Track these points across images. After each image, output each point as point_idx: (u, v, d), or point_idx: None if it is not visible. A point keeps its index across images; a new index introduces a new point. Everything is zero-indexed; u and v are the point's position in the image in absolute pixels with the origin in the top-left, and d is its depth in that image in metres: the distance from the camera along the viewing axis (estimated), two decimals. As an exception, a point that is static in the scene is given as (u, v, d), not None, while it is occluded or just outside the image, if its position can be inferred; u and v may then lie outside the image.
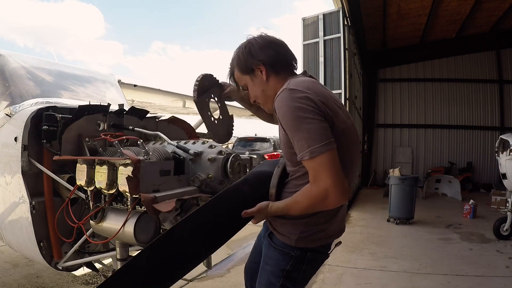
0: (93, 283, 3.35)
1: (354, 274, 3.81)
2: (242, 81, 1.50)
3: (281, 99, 1.25)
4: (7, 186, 2.17)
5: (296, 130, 1.20)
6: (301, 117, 1.19)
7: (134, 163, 1.57)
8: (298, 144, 1.20)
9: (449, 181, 9.92)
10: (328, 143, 1.17)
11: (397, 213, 6.36)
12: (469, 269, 3.96)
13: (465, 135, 12.38)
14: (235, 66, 1.48)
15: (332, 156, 1.18)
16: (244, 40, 1.47)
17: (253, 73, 1.44)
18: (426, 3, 9.13)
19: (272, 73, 1.42)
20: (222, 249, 4.88)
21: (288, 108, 1.21)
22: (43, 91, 2.82)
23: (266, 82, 1.43)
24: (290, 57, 1.46)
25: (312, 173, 1.21)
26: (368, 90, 12.75)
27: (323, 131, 1.18)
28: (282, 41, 1.46)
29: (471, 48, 12.04)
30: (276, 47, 1.43)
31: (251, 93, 1.50)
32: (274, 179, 1.38)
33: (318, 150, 1.16)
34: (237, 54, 1.46)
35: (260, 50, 1.40)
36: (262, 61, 1.40)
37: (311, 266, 1.44)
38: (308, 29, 8.51)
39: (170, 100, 6.75)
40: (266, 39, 1.43)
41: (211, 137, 1.77)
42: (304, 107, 1.19)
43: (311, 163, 1.19)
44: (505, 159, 4.93)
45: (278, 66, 1.42)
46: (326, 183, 1.17)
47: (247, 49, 1.42)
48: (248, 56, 1.41)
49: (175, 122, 2.64)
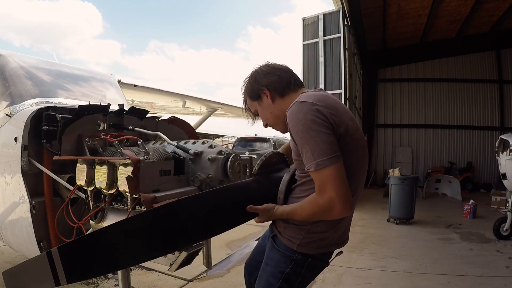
0: (93, 283, 3.35)
1: (354, 274, 3.81)
2: (253, 107, 1.60)
3: (292, 111, 1.31)
4: (7, 186, 2.16)
5: (305, 141, 1.25)
6: (310, 129, 1.24)
7: (134, 163, 1.57)
8: (306, 155, 1.26)
9: (449, 181, 9.92)
10: (334, 157, 1.22)
11: (397, 213, 6.36)
12: (469, 269, 3.96)
13: (465, 135, 12.39)
14: (246, 95, 1.60)
15: (337, 170, 1.22)
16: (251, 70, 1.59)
17: (260, 99, 1.55)
18: (426, 3, 9.14)
19: (276, 95, 1.51)
20: (222, 249, 4.90)
21: (298, 120, 1.27)
22: (43, 91, 2.81)
23: (272, 104, 1.52)
24: (293, 78, 1.55)
25: (318, 184, 1.26)
26: (368, 90, 12.75)
27: (330, 145, 1.23)
28: (286, 66, 1.58)
29: (471, 48, 12.05)
30: (278, 72, 1.53)
31: (262, 116, 1.60)
32: (282, 184, 1.45)
33: (324, 163, 1.21)
34: (245, 83, 1.59)
35: (264, 76, 1.52)
36: (265, 86, 1.51)
37: (310, 272, 1.49)
38: (308, 29, 8.52)
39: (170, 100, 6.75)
40: (270, 66, 1.55)
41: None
42: (314, 119, 1.25)
43: (317, 175, 1.24)
44: (505, 159, 4.93)
45: (282, 88, 1.51)
46: (330, 195, 1.22)
47: (253, 77, 1.55)
48: (254, 84, 1.54)
49: (175, 122, 2.64)
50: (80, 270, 1.16)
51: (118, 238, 1.19)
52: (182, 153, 1.86)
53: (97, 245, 1.17)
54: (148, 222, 1.23)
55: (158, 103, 7.23)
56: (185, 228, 1.29)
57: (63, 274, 1.10)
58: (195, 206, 1.31)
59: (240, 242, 4.80)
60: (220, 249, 4.46)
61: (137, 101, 6.53)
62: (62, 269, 1.10)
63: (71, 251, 1.14)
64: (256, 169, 1.53)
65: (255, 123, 1.73)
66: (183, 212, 1.29)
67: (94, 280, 3.39)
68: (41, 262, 1.10)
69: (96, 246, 1.17)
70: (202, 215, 1.32)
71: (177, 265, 1.97)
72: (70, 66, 3.53)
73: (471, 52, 12.17)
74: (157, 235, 1.23)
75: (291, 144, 1.40)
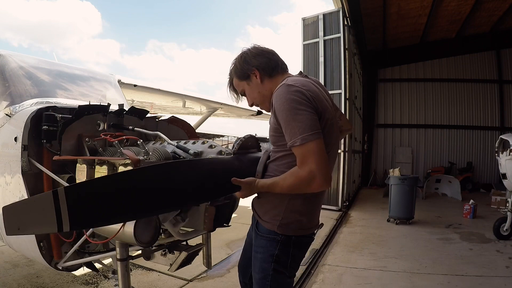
0: (93, 283, 3.36)
1: (354, 274, 3.81)
2: (240, 87, 1.69)
3: (279, 92, 1.42)
4: (7, 186, 2.16)
5: (290, 119, 1.35)
6: (295, 108, 1.35)
7: (134, 163, 1.58)
8: (291, 131, 1.35)
9: (449, 181, 9.93)
10: (317, 133, 1.34)
11: (397, 213, 6.36)
12: (469, 269, 3.96)
13: (465, 135, 12.39)
14: (233, 74, 1.68)
15: (320, 145, 1.34)
16: (239, 52, 1.68)
17: (249, 79, 1.64)
18: (426, 3, 9.13)
19: (265, 76, 1.62)
20: (222, 249, 4.91)
21: (285, 100, 1.38)
22: (43, 91, 2.81)
23: (261, 84, 1.63)
24: (280, 61, 1.66)
25: (300, 158, 1.35)
26: (368, 90, 12.75)
27: (314, 122, 1.35)
28: (272, 49, 1.68)
29: (471, 48, 12.05)
30: (267, 55, 1.64)
31: (249, 96, 1.69)
32: (260, 164, 1.58)
33: (308, 138, 1.32)
34: (234, 64, 1.67)
35: (254, 57, 1.62)
36: (256, 67, 1.61)
37: (298, 249, 1.57)
38: (308, 29, 8.51)
39: (170, 100, 6.74)
40: (258, 48, 1.65)
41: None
42: (298, 100, 1.36)
43: (301, 149, 1.34)
44: (505, 159, 4.94)
45: (270, 69, 1.62)
46: (312, 168, 1.32)
47: (243, 58, 1.64)
48: (244, 64, 1.62)
49: (175, 122, 2.64)
50: (85, 216, 1.08)
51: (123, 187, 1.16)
52: (182, 153, 1.86)
53: (104, 191, 1.11)
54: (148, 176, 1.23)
55: (158, 103, 7.23)
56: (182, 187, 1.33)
57: (67, 219, 1.01)
58: (186, 170, 1.36)
59: (240, 242, 4.80)
60: (220, 249, 4.47)
61: (137, 101, 6.52)
62: (66, 213, 1.00)
63: (78, 193, 1.06)
64: (237, 148, 1.64)
65: (239, 102, 1.81)
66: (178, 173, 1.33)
67: (94, 280, 3.39)
68: (46, 201, 1.01)
69: (103, 191, 1.11)
70: (193, 178, 1.37)
71: (177, 265, 1.97)
72: (70, 66, 3.53)
73: (471, 52, 12.17)
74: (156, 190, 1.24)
75: (271, 121, 1.50)
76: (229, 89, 1.75)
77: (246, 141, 1.70)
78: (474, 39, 11.69)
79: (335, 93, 7.93)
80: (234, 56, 1.70)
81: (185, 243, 2.02)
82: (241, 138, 1.69)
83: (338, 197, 7.88)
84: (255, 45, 1.66)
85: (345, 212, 7.59)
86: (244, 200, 1.65)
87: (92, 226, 1.59)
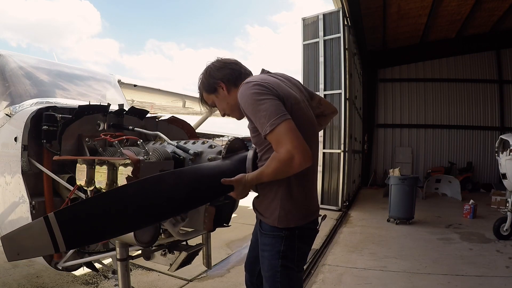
0: (93, 283, 3.36)
1: (354, 274, 3.81)
2: (210, 100, 1.75)
3: (241, 91, 1.47)
4: (7, 186, 2.16)
5: (256, 111, 1.40)
6: (257, 99, 1.39)
7: (134, 163, 1.58)
8: (260, 122, 1.38)
9: (449, 181, 9.93)
10: (283, 115, 1.36)
11: (397, 213, 6.36)
12: (469, 269, 3.96)
13: (465, 135, 12.39)
14: (202, 89, 1.74)
15: (290, 124, 1.35)
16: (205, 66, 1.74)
17: (216, 91, 1.69)
18: (426, 3, 9.14)
19: (231, 86, 1.67)
20: (222, 249, 4.90)
21: (246, 96, 1.43)
22: (43, 91, 2.81)
23: (228, 95, 1.68)
24: (243, 69, 1.72)
25: (275, 143, 1.37)
26: (368, 90, 12.75)
27: (278, 107, 1.38)
28: (235, 59, 1.74)
29: (471, 48, 12.05)
30: (230, 65, 1.69)
31: (219, 107, 1.75)
32: (248, 161, 1.61)
33: (276, 122, 1.34)
34: (200, 79, 1.73)
35: (217, 70, 1.68)
36: (220, 79, 1.66)
37: (303, 242, 1.59)
38: (308, 29, 8.51)
39: (170, 100, 6.74)
40: (221, 61, 1.71)
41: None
42: (258, 91, 1.41)
43: (273, 135, 1.35)
44: (505, 159, 4.94)
45: (234, 79, 1.67)
46: (288, 146, 1.32)
47: (207, 72, 1.70)
48: (209, 78, 1.69)
49: (175, 122, 2.64)
50: (79, 236, 1.15)
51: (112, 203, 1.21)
52: (182, 153, 1.87)
53: (93, 210, 1.17)
54: (138, 190, 1.26)
55: (158, 103, 7.22)
56: (171, 198, 1.35)
57: (62, 240, 1.08)
58: (176, 180, 1.39)
59: (240, 242, 4.79)
60: (220, 249, 4.47)
61: (137, 101, 6.52)
62: (60, 235, 1.08)
63: (68, 216, 1.13)
64: (224, 152, 1.67)
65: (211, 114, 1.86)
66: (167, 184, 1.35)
67: (94, 280, 3.39)
68: (39, 227, 1.09)
69: (92, 211, 1.17)
70: (183, 187, 1.39)
71: (177, 265, 1.97)
72: (70, 66, 3.53)
73: (471, 52, 12.18)
74: (147, 203, 1.27)
75: (249, 124, 1.53)
76: (200, 102, 1.81)
77: (232, 144, 1.72)
78: (474, 39, 11.69)
79: (335, 93, 7.93)
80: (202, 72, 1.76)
81: (185, 243, 2.03)
82: (227, 142, 1.72)
83: (338, 197, 7.88)
84: (218, 58, 1.73)
85: (345, 212, 7.59)
86: (244, 200, 1.65)
87: (88, 243, 1.63)
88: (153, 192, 1.28)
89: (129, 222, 1.25)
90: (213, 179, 1.46)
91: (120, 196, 1.25)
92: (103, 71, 17.81)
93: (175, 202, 1.36)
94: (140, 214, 1.26)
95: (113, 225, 1.21)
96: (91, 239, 1.24)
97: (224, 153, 1.67)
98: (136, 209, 1.24)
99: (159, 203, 1.31)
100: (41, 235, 1.08)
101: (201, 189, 1.44)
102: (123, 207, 1.22)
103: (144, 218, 1.28)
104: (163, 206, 1.32)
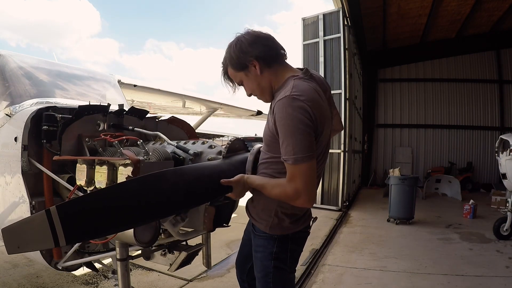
0: (93, 283, 3.36)
1: (354, 274, 3.81)
2: (237, 78, 1.56)
3: (284, 104, 1.34)
4: (7, 186, 2.16)
5: (289, 135, 1.32)
6: (295, 126, 1.31)
7: (134, 163, 1.58)
8: (287, 148, 1.33)
9: (449, 181, 9.93)
10: (310, 155, 1.33)
11: (397, 213, 6.36)
12: (469, 269, 3.96)
13: (465, 135, 12.39)
14: (228, 64, 1.54)
15: (311, 167, 1.34)
16: (232, 39, 1.52)
17: (247, 69, 1.50)
18: (426, 3, 9.14)
19: (265, 67, 1.49)
20: (222, 249, 4.90)
21: (288, 114, 1.32)
22: (43, 91, 2.81)
23: (260, 76, 1.50)
24: (279, 48, 1.53)
25: (289, 175, 1.36)
26: (368, 90, 12.75)
27: (310, 144, 1.33)
28: (269, 34, 1.52)
29: (471, 48, 12.05)
30: (264, 41, 1.49)
31: (247, 87, 1.57)
32: (248, 163, 1.59)
33: (301, 159, 1.31)
34: (228, 53, 1.52)
35: (250, 46, 1.46)
36: (254, 57, 1.47)
37: (296, 244, 1.59)
38: (308, 29, 8.52)
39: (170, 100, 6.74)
40: (254, 34, 1.49)
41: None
42: (300, 118, 1.31)
43: (292, 168, 1.34)
44: (505, 159, 4.94)
45: (269, 59, 1.49)
46: (299, 187, 1.33)
47: (238, 46, 1.48)
48: (240, 53, 1.47)
49: (175, 122, 2.64)
50: (79, 230, 1.15)
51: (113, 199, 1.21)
52: (182, 153, 1.87)
53: (94, 205, 1.17)
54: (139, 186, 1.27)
55: (158, 103, 7.22)
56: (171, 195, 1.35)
57: (62, 234, 1.08)
58: (177, 178, 1.38)
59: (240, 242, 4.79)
60: (220, 249, 4.47)
61: (137, 101, 6.52)
62: (61, 229, 1.08)
63: (70, 210, 1.13)
64: (225, 152, 1.64)
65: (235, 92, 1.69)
66: (168, 181, 1.35)
67: (94, 280, 3.39)
68: (40, 220, 1.08)
69: (93, 206, 1.17)
70: (183, 185, 1.39)
71: (177, 265, 1.97)
72: (70, 66, 3.53)
73: (471, 52, 12.17)
74: (148, 199, 1.28)
75: (269, 123, 1.45)
76: (223, 78, 1.61)
77: (233, 144, 1.72)
78: (474, 39, 11.69)
79: (335, 93, 7.92)
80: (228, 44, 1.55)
81: (185, 243, 2.03)
82: (227, 143, 1.73)
83: (338, 197, 7.88)
84: (249, 31, 1.51)
85: (345, 212, 7.59)
86: (244, 200, 1.65)
87: (88, 238, 1.62)
88: (154, 188, 1.29)
89: (130, 218, 1.25)
90: (213, 178, 1.46)
91: (121, 191, 1.25)
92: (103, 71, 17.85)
93: (175, 199, 1.37)
94: (141, 210, 1.26)
95: (114, 221, 1.21)
96: (91, 234, 1.23)
97: (224, 153, 1.67)
98: (137, 205, 1.25)
99: (160, 200, 1.31)
100: (42, 228, 1.08)
101: (201, 188, 1.44)
102: (124, 203, 1.23)
103: (144, 215, 1.28)
104: (163, 202, 1.33)
